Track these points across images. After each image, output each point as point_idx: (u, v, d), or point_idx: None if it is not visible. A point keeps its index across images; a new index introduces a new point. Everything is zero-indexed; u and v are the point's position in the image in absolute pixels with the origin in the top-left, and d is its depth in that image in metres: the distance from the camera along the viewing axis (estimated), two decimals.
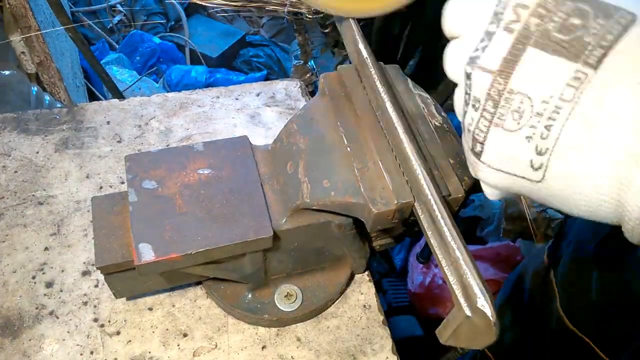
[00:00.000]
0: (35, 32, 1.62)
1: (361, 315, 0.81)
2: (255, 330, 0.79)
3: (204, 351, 0.76)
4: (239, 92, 1.11)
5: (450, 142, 0.68)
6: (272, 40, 3.41)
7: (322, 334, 0.79)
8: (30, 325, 0.77)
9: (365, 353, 0.77)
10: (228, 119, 1.06)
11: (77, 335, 0.76)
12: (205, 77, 2.88)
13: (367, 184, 0.62)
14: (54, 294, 0.80)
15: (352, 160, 0.64)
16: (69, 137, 1.00)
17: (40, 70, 1.74)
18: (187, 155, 0.73)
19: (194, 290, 0.82)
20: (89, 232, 0.87)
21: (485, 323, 0.47)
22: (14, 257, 0.83)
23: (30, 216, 0.88)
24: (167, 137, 1.02)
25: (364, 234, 0.77)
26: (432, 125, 0.69)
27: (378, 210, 0.60)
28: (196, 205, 0.68)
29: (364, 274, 0.85)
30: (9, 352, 0.74)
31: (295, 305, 0.78)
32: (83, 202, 0.90)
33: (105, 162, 0.97)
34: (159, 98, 1.08)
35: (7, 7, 1.57)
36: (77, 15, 3.08)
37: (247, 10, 1.85)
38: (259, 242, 0.66)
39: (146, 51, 2.94)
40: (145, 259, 0.62)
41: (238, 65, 3.22)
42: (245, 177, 0.71)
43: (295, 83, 1.14)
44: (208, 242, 0.64)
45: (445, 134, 0.69)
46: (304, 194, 0.67)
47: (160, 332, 0.77)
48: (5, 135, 0.99)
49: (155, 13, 3.27)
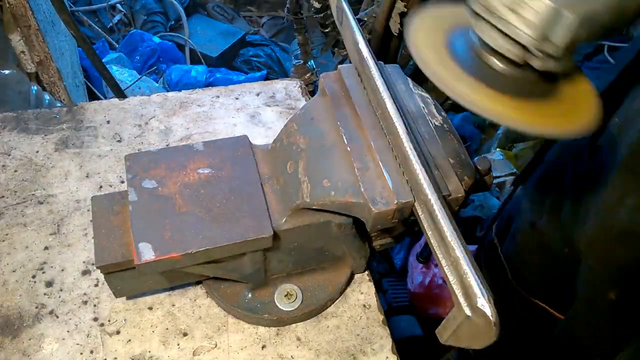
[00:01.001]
0: (35, 31, 1.62)
1: (361, 315, 0.81)
2: (255, 329, 0.79)
3: (203, 350, 0.76)
4: (239, 92, 1.11)
5: (450, 142, 0.68)
6: (272, 39, 3.40)
7: (322, 334, 0.79)
8: (30, 324, 0.77)
9: (365, 353, 0.77)
10: (228, 119, 1.06)
11: (77, 334, 0.76)
12: (205, 77, 2.88)
13: (367, 183, 0.62)
14: (53, 293, 0.80)
15: (352, 160, 0.64)
16: (68, 136, 1.00)
17: (40, 70, 1.74)
18: (187, 155, 0.73)
19: (194, 290, 0.82)
20: (88, 232, 0.87)
21: (485, 322, 0.47)
22: (13, 257, 0.83)
23: (30, 215, 0.88)
24: (167, 136, 1.02)
25: (364, 233, 0.77)
26: (432, 125, 0.69)
27: (378, 210, 0.60)
28: (196, 205, 0.68)
29: (363, 274, 0.85)
30: (9, 351, 0.74)
31: (295, 304, 0.78)
32: (83, 202, 0.90)
33: (105, 162, 0.97)
34: (159, 97, 1.08)
35: (7, 6, 1.57)
36: (77, 14, 3.08)
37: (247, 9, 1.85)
38: (259, 241, 0.66)
39: (146, 51, 2.93)
40: (146, 258, 0.62)
41: (238, 65, 3.21)
42: (245, 177, 0.71)
43: (295, 83, 1.14)
44: (208, 242, 0.64)
45: (445, 134, 0.69)
46: (304, 194, 0.67)
47: (160, 331, 0.77)
48: (5, 135, 0.99)
49: (155, 12, 3.27)
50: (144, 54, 2.94)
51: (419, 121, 0.68)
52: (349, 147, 0.65)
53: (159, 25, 3.25)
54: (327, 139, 0.68)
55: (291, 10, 2.17)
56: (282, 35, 3.54)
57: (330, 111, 0.70)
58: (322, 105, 0.72)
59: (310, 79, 2.36)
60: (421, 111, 0.70)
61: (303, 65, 2.40)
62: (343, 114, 0.69)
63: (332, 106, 0.70)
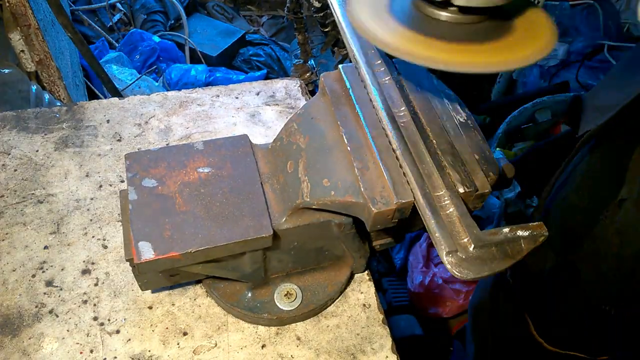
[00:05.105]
0: (34, 30, 1.61)
1: (361, 315, 0.81)
2: (255, 329, 0.79)
3: (203, 350, 0.76)
4: (239, 91, 1.11)
5: (474, 138, 0.68)
6: (272, 39, 3.40)
7: (321, 333, 0.79)
8: (30, 323, 0.77)
9: (365, 352, 0.77)
10: (228, 118, 1.06)
11: (76, 333, 0.76)
12: (205, 76, 2.87)
13: (367, 183, 0.62)
14: (53, 293, 0.80)
15: (352, 160, 0.64)
16: (68, 135, 1.00)
17: (40, 69, 1.74)
18: (187, 154, 0.73)
19: (194, 289, 0.82)
20: (88, 231, 0.87)
21: None
22: (13, 256, 0.83)
23: (30, 215, 0.88)
24: (167, 135, 1.02)
25: (363, 233, 0.77)
26: (456, 120, 0.69)
27: (378, 209, 0.60)
28: (196, 204, 0.68)
29: (363, 273, 0.85)
30: (8, 350, 0.74)
31: (295, 304, 0.78)
32: (83, 201, 0.90)
33: (105, 161, 0.97)
34: (159, 97, 1.08)
35: (6, 5, 1.57)
36: (76, 13, 3.08)
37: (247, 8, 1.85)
38: (259, 240, 0.66)
39: (146, 50, 2.93)
40: (145, 257, 0.62)
41: (238, 64, 3.21)
42: (245, 176, 0.71)
43: (295, 82, 1.14)
44: (208, 241, 0.64)
45: (470, 130, 0.69)
46: (304, 193, 0.66)
47: (160, 330, 0.77)
48: (5, 134, 0.99)
49: (155, 12, 3.27)
50: (144, 53, 2.94)
51: (444, 117, 0.69)
52: (349, 147, 0.65)
53: (159, 24, 3.25)
54: (327, 139, 0.68)
55: (291, 10, 2.17)
56: (282, 34, 3.54)
57: (331, 111, 0.70)
58: (322, 105, 0.72)
59: (310, 78, 2.36)
60: (446, 107, 0.70)
61: (303, 65, 2.40)
62: (343, 113, 0.69)
63: (333, 106, 0.70)
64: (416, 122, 0.66)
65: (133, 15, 3.26)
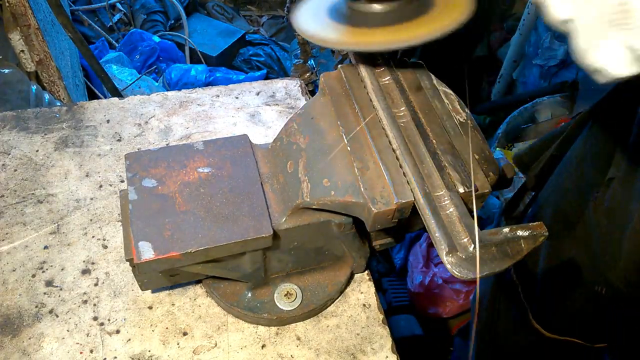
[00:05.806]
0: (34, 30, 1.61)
1: (361, 315, 0.81)
2: (255, 329, 0.79)
3: (203, 350, 0.76)
4: (239, 91, 1.11)
5: (474, 138, 0.68)
6: (272, 39, 3.40)
7: (321, 333, 0.79)
8: (30, 323, 0.77)
9: (365, 352, 0.77)
10: (228, 118, 1.05)
11: (76, 333, 0.76)
12: (205, 76, 2.88)
13: (367, 183, 0.62)
14: (53, 293, 0.80)
15: (352, 160, 0.64)
16: (68, 135, 1.00)
17: (40, 69, 1.74)
18: (187, 154, 0.73)
19: (194, 289, 0.82)
20: (88, 231, 0.87)
21: None
22: (13, 256, 0.83)
23: (30, 214, 0.88)
24: (167, 135, 1.02)
25: (363, 233, 0.77)
26: (456, 120, 0.69)
27: (378, 209, 0.60)
28: (196, 204, 0.68)
29: (363, 273, 0.85)
30: (8, 350, 0.74)
31: (295, 304, 0.78)
32: (83, 201, 0.90)
33: (105, 161, 0.96)
34: (159, 97, 1.08)
35: (6, 5, 1.56)
36: (76, 13, 3.08)
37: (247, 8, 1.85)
38: (259, 240, 0.66)
39: (146, 50, 2.93)
40: (145, 257, 0.62)
41: (238, 64, 3.21)
42: (245, 176, 0.71)
43: (295, 82, 1.14)
44: (208, 241, 0.64)
45: (470, 130, 0.69)
46: (304, 193, 0.66)
47: (160, 330, 0.77)
48: (5, 134, 0.99)
49: (155, 12, 3.27)
50: (144, 53, 2.94)
51: (444, 117, 0.69)
52: (349, 147, 0.65)
53: (159, 24, 3.25)
54: (327, 139, 0.68)
55: (291, 10, 2.17)
56: (282, 34, 3.54)
57: (331, 111, 0.70)
58: (322, 105, 0.72)
59: (310, 78, 2.36)
60: (446, 107, 0.70)
61: (303, 65, 2.40)
62: (343, 113, 0.69)
63: (333, 106, 0.70)
64: (416, 122, 0.66)
65: (133, 15, 3.26)
